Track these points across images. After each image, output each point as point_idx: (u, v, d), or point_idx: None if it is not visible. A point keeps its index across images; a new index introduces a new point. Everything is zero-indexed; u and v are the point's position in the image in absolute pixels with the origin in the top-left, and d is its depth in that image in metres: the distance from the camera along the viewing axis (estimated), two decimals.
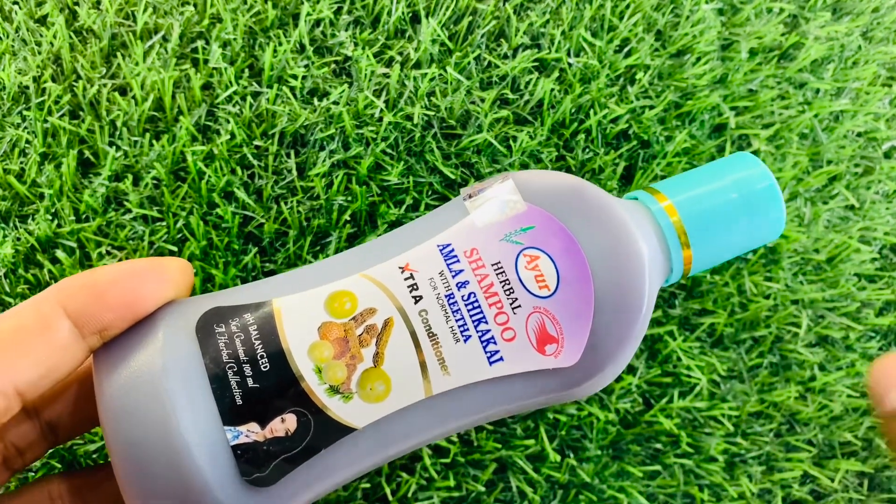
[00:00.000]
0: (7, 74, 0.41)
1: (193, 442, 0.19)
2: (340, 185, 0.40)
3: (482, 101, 0.43)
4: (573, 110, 0.43)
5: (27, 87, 0.41)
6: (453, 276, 0.21)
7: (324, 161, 0.41)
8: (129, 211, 0.39)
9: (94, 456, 0.37)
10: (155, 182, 0.40)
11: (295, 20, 0.43)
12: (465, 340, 0.21)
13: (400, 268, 0.22)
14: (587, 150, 0.43)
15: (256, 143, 0.41)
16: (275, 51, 0.42)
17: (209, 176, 0.40)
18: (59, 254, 0.38)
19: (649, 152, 0.44)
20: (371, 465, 0.22)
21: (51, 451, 0.34)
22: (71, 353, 0.20)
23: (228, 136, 0.40)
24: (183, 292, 0.23)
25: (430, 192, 0.41)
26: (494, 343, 0.21)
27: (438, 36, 0.43)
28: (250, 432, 0.20)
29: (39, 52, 0.42)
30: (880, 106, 0.48)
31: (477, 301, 0.21)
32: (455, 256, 0.22)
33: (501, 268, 0.21)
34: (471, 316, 0.21)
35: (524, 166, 0.42)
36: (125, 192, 0.40)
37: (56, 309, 0.20)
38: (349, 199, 0.40)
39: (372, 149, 0.41)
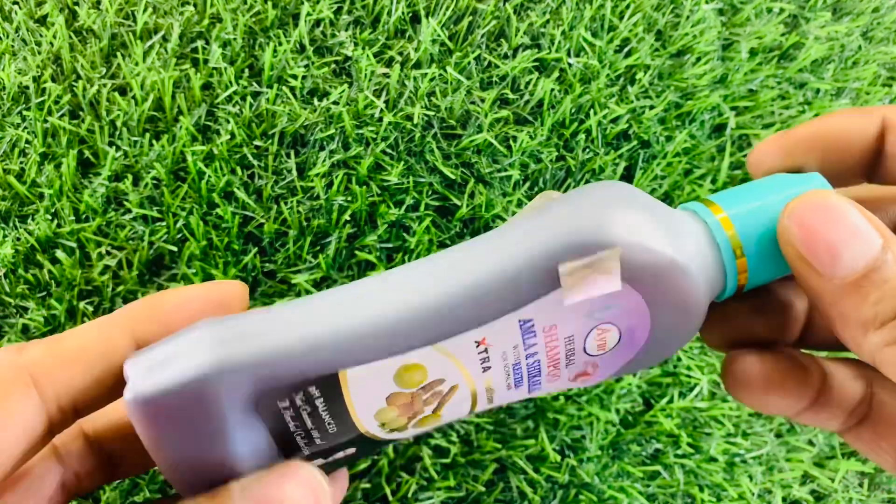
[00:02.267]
0: (7, 74, 0.41)
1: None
2: (340, 185, 0.40)
3: (482, 101, 0.43)
4: (573, 110, 0.43)
5: (27, 87, 0.41)
6: (525, 349, 0.22)
7: (324, 161, 0.41)
8: (129, 211, 0.39)
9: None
10: (155, 182, 0.40)
11: (295, 20, 0.43)
12: (516, 388, 0.23)
13: (476, 342, 0.21)
14: (587, 150, 0.43)
15: (256, 143, 0.41)
16: (275, 51, 0.42)
17: (209, 176, 0.40)
18: (59, 254, 0.38)
19: (649, 152, 0.44)
20: None
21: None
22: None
23: (228, 136, 0.40)
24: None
25: (430, 192, 0.41)
26: (539, 383, 0.23)
27: (438, 36, 0.43)
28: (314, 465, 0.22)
29: (39, 52, 0.42)
30: (880, 106, 0.48)
31: (539, 366, 0.22)
32: (533, 332, 0.21)
33: (572, 340, 0.22)
34: (529, 373, 0.22)
35: (524, 166, 0.42)
36: (125, 192, 0.40)
37: (123, 332, 0.20)
38: (349, 199, 0.40)
39: (372, 149, 0.41)
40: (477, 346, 0.21)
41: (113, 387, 0.20)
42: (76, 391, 0.20)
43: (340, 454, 0.22)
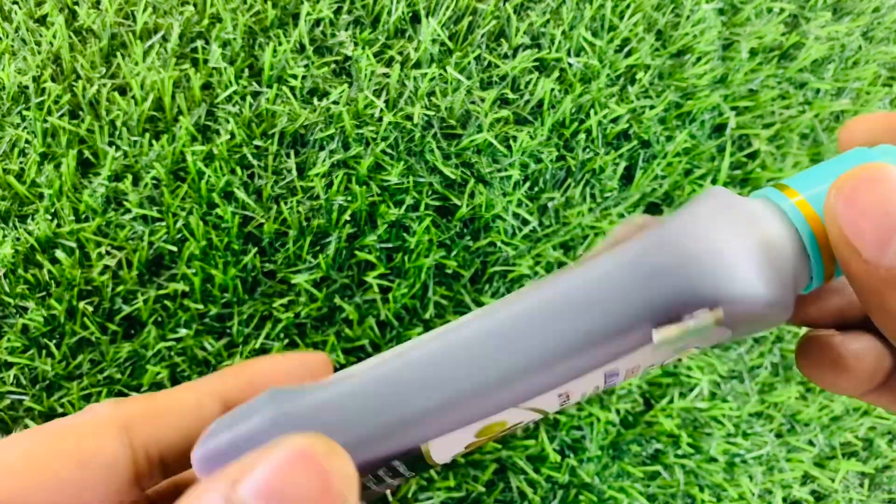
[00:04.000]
0: (7, 74, 0.41)
1: None
2: (340, 185, 0.40)
3: (482, 100, 0.43)
4: (573, 110, 0.43)
5: (27, 87, 0.41)
6: (605, 383, 0.21)
7: (324, 161, 0.40)
8: (129, 211, 0.39)
9: None
10: (155, 182, 0.40)
11: (295, 20, 0.43)
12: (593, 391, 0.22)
13: (559, 395, 0.21)
14: (587, 149, 0.43)
15: (256, 142, 0.41)
16: (275, 50, 0.42)
17: (209, 176, 0.40)
18: (59, 254, 0.38)
19: (650, 152, 0.44)
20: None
21: None
22: None
23: (228, 136, 0.40)
24: None
25: (430, 192, 0.41)
26: (616, 376, 0.22)
27: (438, 36, 0.43)
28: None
29: (39, 52, 0.42)
30: (881, 106, 0.48)
31: (616, 376, 0.21)
32: (616, 374, 0.21)
33: (652, 364, 0.21)
34: (605, 381, 0.21)
35: (524, 166, 0.42)
36: (125, 192, 0.40)
37: (212, 392, 0.22)
38: (349, 199, 0.40)
39: (372, 149, 0.41)
40: (559, 397, 0.20)
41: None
42: (164, 443, 0.21)
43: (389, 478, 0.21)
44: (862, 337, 0.23)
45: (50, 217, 0.39)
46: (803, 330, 0.43)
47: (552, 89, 0.43)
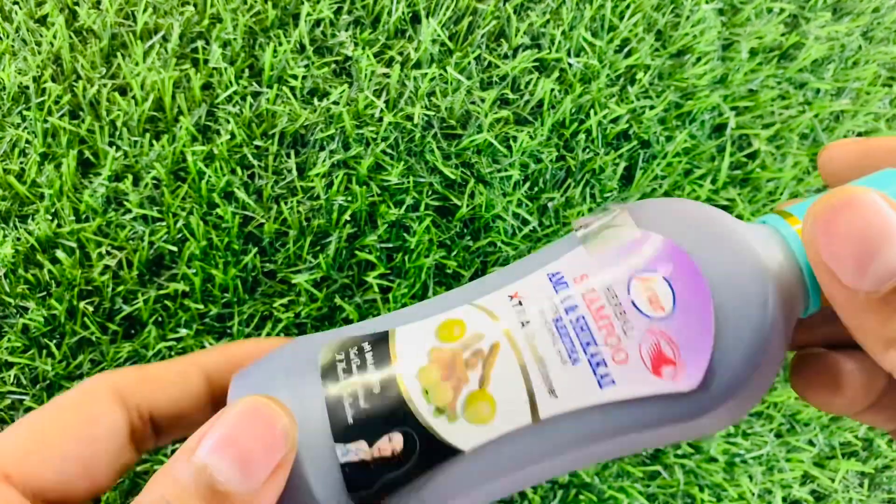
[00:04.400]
0: (7, 74, 0.41)
1: (304, 457, 0.20)
2: (340, 185, 0.40)
3: (482, 101, 0.43)
4: (573, 110, 0.43)
5: (27, 87, 0.41)
6: (562, 301, 0.21)
7: (324, 161, 0.41)
8: (129, 211, 0.39)
9: None
10: (155, 182, 0.40)
11: (295, 20, 0.43)
12: (573, 363, 0.20)
13: (509, 296, 0.22)
14: (587, 150, 0.43)
15: (256, 143, 0.41)
16: (275, 51, 0.42)
17: (209, 176, 0.40)
18: (59, 254, 0.38)
19: (649, 152, 0.44)
20: (479, 496, 0.22)
21: None
22: (199, 400, 0.24)
23: (228, 136, 0.40)
24: None
25: (430, 192, 0.41)
26: (605, 366, 0.20)
27: (438, 36, 0.43)
28: (359, 450, 0.20)
29: (39, 52, 0.42)
30: (881, 106, 0.48)
31: (586, 324, 0.21)
32: (564, 282, 0.21)
33: (613, 291, 0.21)
34: (580, 339, 0.20)
35: (524, 166, 0.42)
36: (125, 192, 0.40)
37: (196, 365, 0.24)
38: (349, 199, 0.40)
39: (372, 149, 0.41)
40: (511, 300, 0.22)
41: (187, 409, 0.24)
42: (153, 405, 0.23)
43: (385, 441, 0.20)
44: (854, 356, 0.23)
45: (50, 217, 0.39)
46: None
47: (552, 89, 0.43)
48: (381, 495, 0.20)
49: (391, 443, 0.20)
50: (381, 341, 0.22)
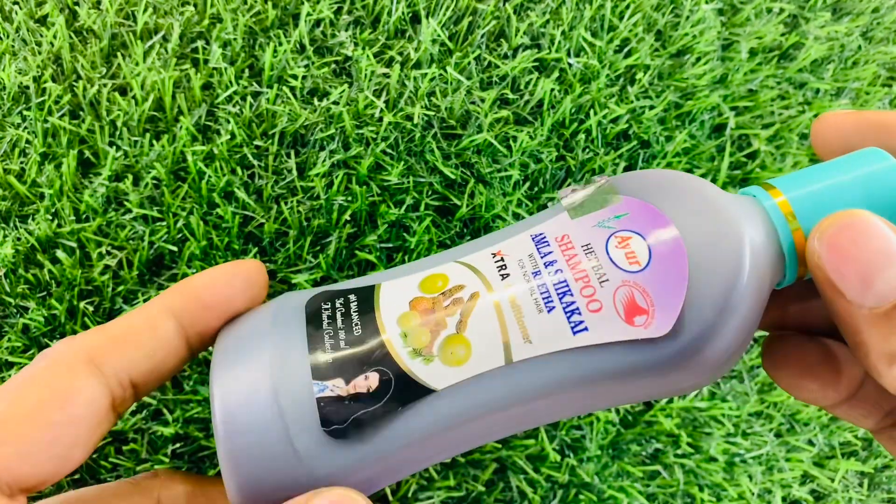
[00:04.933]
0: (7, 74, 0.41)
1: (282, 389, 0.21)
2: (340, 185, 0.40)
3: (482, 101, 0.43)
4: (573, 110, 0.43)
5: (27, 87, 0.41)
6: (542, 257, 0.22)
7: (324, 161, 0.41)
8: (130, 211, 0.39)
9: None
10: (155, 182, 0.40)
11: (295, 20, 0.43)
12: (548, 311, 0.21)
13: (492, 254, 0.23)
14: (587, 150, 0.43)
15: (256, 143, 0.41)
16: (275, 51, 0.42)
17: (209, 176, 0.40)
18: (60, 254, 0.38)
19: (649, 152, 0.44)
20: (452, 441, 0.22)
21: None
22: (175, 348, 0.23)
23: (228, 136, 0.40)
24: (263, 289, 0.25)
25: (430, 192, 0.41)
26: (579, 314, 0.21)
27: (438, 36, 0.43)
28: (335, 387, 0.21)
29: (39, 52, 0.42)
30: (880, 106, 0.48)
31: (564, 278, 0.21)
32: (546, 241, 0.22)
33: (591, 248, 0.21)
34: (556, 288, 0.21)
35: (524, 166, 0.42)
36: (125, 192, 0.40)
37: (162, 311, 0.23)
38: (349, 199, 0.40)
39: (372, 149, 0.41)
40: (494, 257, 0.23)
41: (164, 360, 0.23)
42: (132, 367, 0.22)
43: (361, 379, 0.21)
44: (831, 343, 0.24)
45: (50, 217, 0.39)
46: None
47: (552, 89, 0.43)
48: (353, 429, 0.21)
49: (367, 381, 0.21)
50: (366, 293, 0.23)
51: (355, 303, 0.23)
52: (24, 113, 0.41)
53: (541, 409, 0.22)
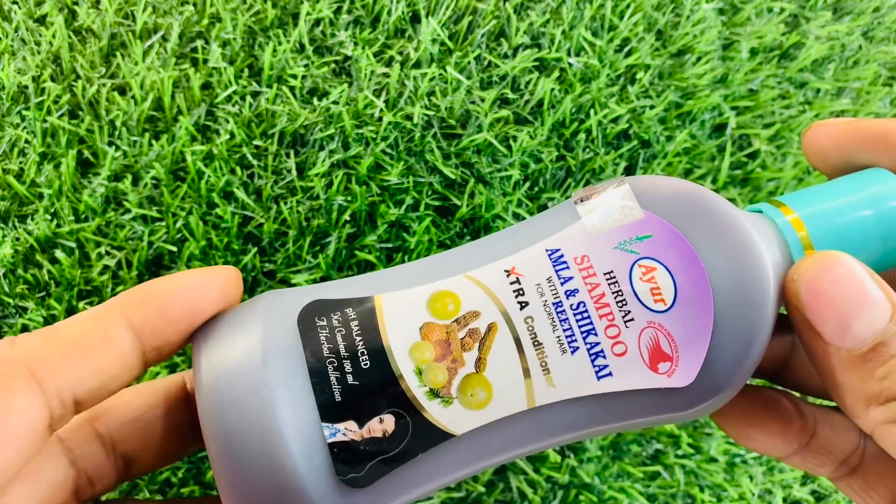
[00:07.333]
0: (6, 74, 0.41)
1: (290, 436, 0.19)
2: (340, 185, 0.40)
3: (482, 100, 0.42)
4: (573, 110, 0.43)
5: (26, 87, 0.41)
6: (562, 283, 0.20)
7: (324, 161, 0.40)
8: (129, 211, 0.39)
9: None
10: (154, 182, 0.40)
11: (295, 20, 0.43)
12: (572, 352, 0.20)
13: (506, 271, 0.21)
14: (587, 149, 0.43)
15: (256, 142, 0.41)
16: (274, 50, 0.42)
17: (209, 176, 0.40)
18: (59, 254, 0.38)
19: (650, 152, 0.44)
20: (466, 474, 0.21)
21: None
22: (129, 364, 0.20)
23: (228, 136, 0.40)
24: (236, 300, 0.22)
25: (430, 192, 0.41)
26: (604, 357, 0.20)
27: (438, 35, 0.43)
28: (348, 430, 0.19)
29: (39, 52, 0.42)
30: (881, 106, 0.48)
31: (587, 311, 0.20)
32: (564, 262, 0.21)
33: (614, 278, 0.20)
34: (580, 326, 0.20)
35: (524, 166, 0.42)
36: (124, 191, 0.40)
37: (119, 321, 0.20)
38: (349, 199, 0.40)
39: (372, 149, 0.41)
40: (508, 276, 0.21)
41: (114, 378, 0.20)
42: (77, 383, 0.19)
43: (376, 422, 0.19)
44: (778, 394, 0.23)
45: (49, 217, 0.39)
46: None
47: (552, 89, 0.43)
48: (370, 476, 0.19)
49: (382, 424, 0.20)
50: (367, 310, 0.21)
51: (355, 321, 0.20)
52: (23, 113, 0.41)
53: (558, 441, 0.22)
